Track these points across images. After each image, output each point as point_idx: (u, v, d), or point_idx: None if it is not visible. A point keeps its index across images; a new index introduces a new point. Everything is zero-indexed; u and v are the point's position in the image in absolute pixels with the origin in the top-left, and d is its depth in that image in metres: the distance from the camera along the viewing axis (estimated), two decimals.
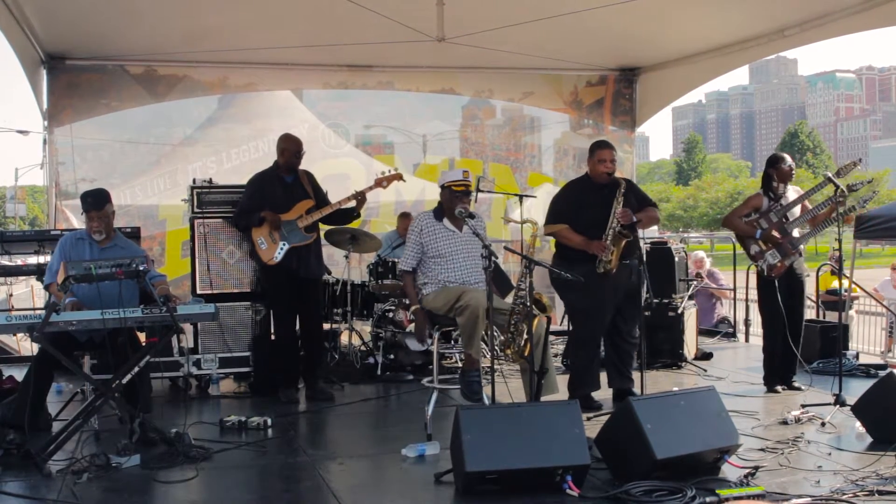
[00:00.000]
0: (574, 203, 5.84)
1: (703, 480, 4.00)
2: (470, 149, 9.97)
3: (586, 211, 5.74)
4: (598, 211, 5.69)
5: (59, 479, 4.22)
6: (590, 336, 5.89)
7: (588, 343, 5.91)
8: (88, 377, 5.29)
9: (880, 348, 10.73)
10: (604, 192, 5.77)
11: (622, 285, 5.76)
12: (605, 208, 5.68)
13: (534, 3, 6.99)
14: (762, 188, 6.36)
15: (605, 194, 5.76)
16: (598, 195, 5.77)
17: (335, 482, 4.28)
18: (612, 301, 5.78)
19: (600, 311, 5.78)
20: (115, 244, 5.32)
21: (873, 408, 4.89)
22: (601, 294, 5.68)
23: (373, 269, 7.51)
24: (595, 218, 5.68)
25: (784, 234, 6.18)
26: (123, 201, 8.67)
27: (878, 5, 6.62)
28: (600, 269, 5.63)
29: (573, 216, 5.76)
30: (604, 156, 5.78)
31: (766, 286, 6.29)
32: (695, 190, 55.92)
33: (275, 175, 6.30)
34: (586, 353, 5.90)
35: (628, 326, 5.93)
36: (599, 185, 5.80)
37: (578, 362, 5.98)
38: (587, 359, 5.88)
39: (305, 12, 7.20)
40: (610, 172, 5.75)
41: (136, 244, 5.66)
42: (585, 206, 5.76)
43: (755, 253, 6.27)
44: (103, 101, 8.51)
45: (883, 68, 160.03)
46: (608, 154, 5.79)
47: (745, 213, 6.36)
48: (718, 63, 8.68)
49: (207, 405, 6.23)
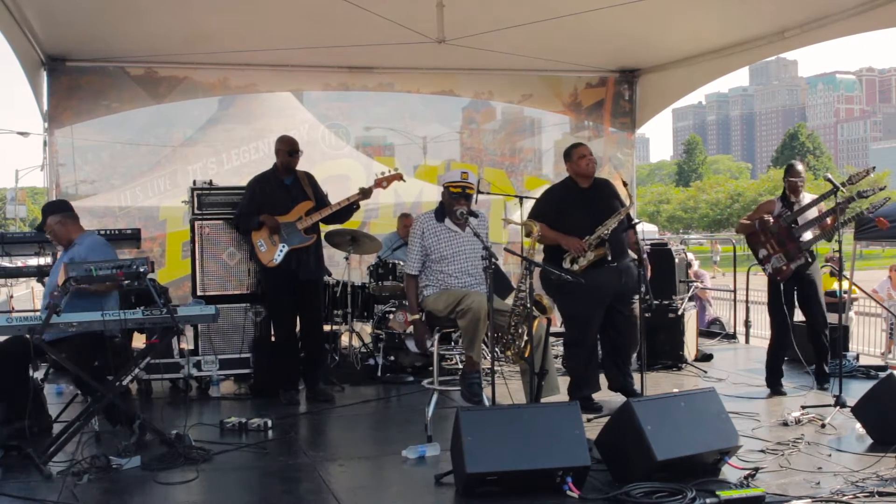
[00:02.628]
0: (555, 207, 5.82)
1: (704, 482, 4.00)
2: (466, 153, 9.98)
3: (569, 215, 5.71)
4: (582, 214, 5.69)
5: (60, 481, 4.22)
6: (579, 339, 5.86)
7: (579, 346, 5.87)
8: (89, 379, 5.27)
9: (880, 350, 10.73)
10: (589, 194, 5.79)
11: (611, 288, 5.69)
12: (589, 211, 5.67)
13: (534, 4, 6.99)
14: (781, 194, 6.56)
15: (590, 197, 5.77)
16: (582, 198, 5.78)
17: (335, 483, 4.29)
18: (600, 304, 5.74)
19: (587, 315, 5.76)
20: (74, 246, 5.26)
21: (873, 409, 4.89)
22: (588, 298, 5.63)
23: (373, 271, 7.51)
24: (579, 222, 5.66)
25: (791, 238, 6.23)
26: (124, 202, 8.69)
27: (878, 7, 6.62)
28: (572, 265, 5.60)
29: (553, 220, 5.70)
30: (583, 152, 5.80)
31: (773, 290, 6.42)
32: (695, 191, 55.94)
33: (274, 177, 6.31)
34: (579, 355, 5.86)
35: (626, 317, 5.93)
36: (582, 187, 5.81)
37: (573, 365, 5.97)
38: (581, 361, 5.85)
39: (305, 14, 7.20)
40: (594, 164, 5.80)
41: (106, 247, 5.37)
42: (568, 210, 5.74)
43: (763, 257, 6.38)
44: (104, 102, 8.50)
45: (883, 70, 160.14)
46: (586, 150, 5.82)
47: (756, 216, 6.49)
48: (718, 64, 8.67)
49: (208, 407, 6.23)
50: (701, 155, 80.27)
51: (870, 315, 11.76)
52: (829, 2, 6.95)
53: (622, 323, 5.92)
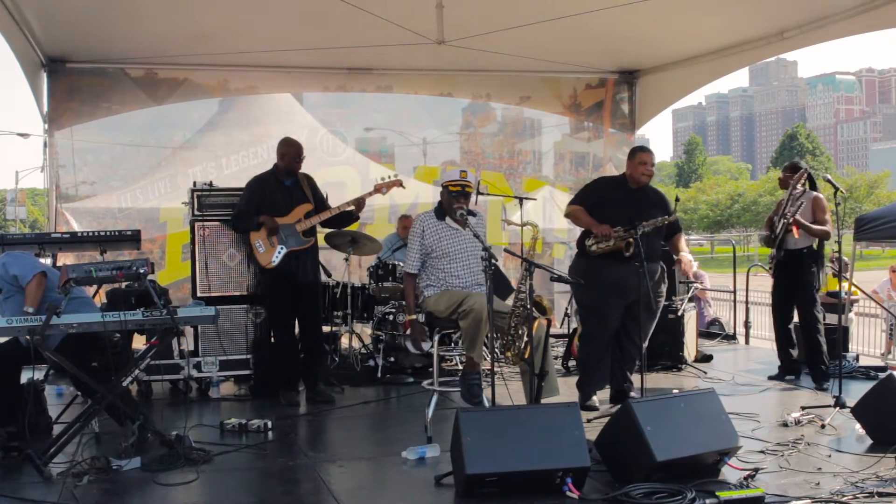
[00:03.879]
0: (598, 196, 5.89)
1: (703, 482, 4.00)
2: (464, 157, 9.98)
3: (610, 208, 5.74)
4: (622, 210, 5.70)
5: (60, 482, 4.21)
6: (595, 331, 5.87)
7: (592, 339, 5.89)
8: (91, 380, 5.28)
9: (880, 350, 10.73)
10: (636, 195, 5.83)
11: (632, 286, 5.58)
12: (629, 210, 5.68)
13: (533, 5, 7.00)
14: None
15: (636, 197, 5.81)
16: (628, 196, 5.81)
17: (335, 484, 4.29)
18: (618, 298, 5.72)
19: (602, 305, 5.76)
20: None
21: (873, 410, 4.89)
22: (604, 288, 5.66)
23: (373, 272, 7.52)
24: (617, 216, 5.68)
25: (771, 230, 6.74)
26: (124, 204, 8.71)
27: (878, 7, 6.63)
28: (592, 246, 5.67)
29: (592, 207, 5.77)
30: (644, 158, 5.83)
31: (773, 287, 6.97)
32: (695, 192, 55.94)
33: (274, 178, 6.31)
34: (591, 349, 5.88)
35: (636, 328, 5.87)
36: (631, 188, 5.86)
37: (585, 356, 6.00)
38: (591, 355, 5.87)
39: (305, 15, 7.21)
40: (649, 175, 5.85)
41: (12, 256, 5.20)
42: (610, 204, 5.77)
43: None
44: (104, 104, 8.52)
45: (883, 70, 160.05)
46: (648, 157, 5.85)
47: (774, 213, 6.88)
48: (718, 65, 8.68)
49: (208, 408, 6.23)
50: (701, 156, 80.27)
51: (869, 316, 11.76)
52: (829, 2, 6.95)
53: (634, 331, 5.84)
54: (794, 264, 6.61)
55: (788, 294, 6.78)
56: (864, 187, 48.38)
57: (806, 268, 6.59)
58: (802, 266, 6.60)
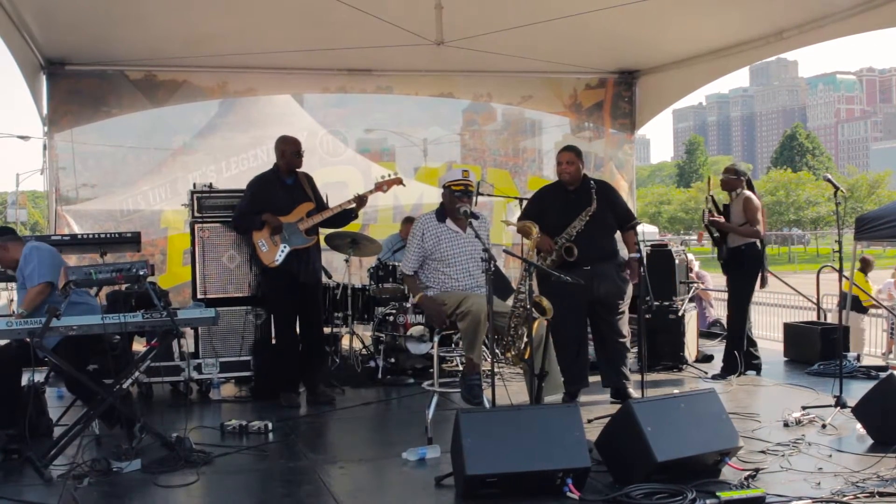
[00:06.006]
0: (538, 207, 5.98)
1: (704, 483, 4.00)
2: (469, 154, 9.97)
3: (551, 215, 5.82)
4: (558, 216, 5.80)
5: (60, 485, 4.21)
6: (555, 338, 5.57)
7: (556, 344, 5.62)
8: (90, 382, 5.28)
9: (881, 350, 10.73)
10: (570, 197, 5.86)
11: (586, 288, 5.54)
12: (565, 214, 5.76)
13: (532, 6, 7.00)
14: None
15: (570, 199, 5.84)
16: (566, 199, 5.87)
17: (336, 486, 4.29)
18: (571, 306, 5.67)
19: (563, 318, 5.57)
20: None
21: (874, 409, 4.89)
22: (555, 299, 5.40)
23: (373, 273, 7.52)
24: (554, 223, 5.77)
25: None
26: (124, 207, 8.70)
27: (878, 7, 6.62)
28: (546, 261, 5.69)
29: (535, 219, 5.76)
30: (560, 158, 5.93)
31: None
32: (696, 192, 55.87)
33: (275, 178, 6.31)
34: (560, 354, 5.64)
35: (609, 324, 5.95)
36: (567, 190, 5.90)
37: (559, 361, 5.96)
38: (563, 360, 5.61)
39: (304, 16, 7.21)
40: (568, 173, 5.87)
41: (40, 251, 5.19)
42: (551, 210, 5.85)
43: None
44: (104, 107, 8.51)
45: (883, 70, 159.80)
46: (564, 156, 5.91)
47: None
48: (718, 65, 8.68)
49: (208, 409, 6.23)
50: (702, 156, 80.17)
51: (870, 316, 11.75)
52: (828, 2, 6.95)
53: (606, 331, 5.96)
54: (735, 262, 6.80)
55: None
56: (866, 187, 48.37)
57: (745, 265, 6.76)
58: (742, 264, 6.77)
